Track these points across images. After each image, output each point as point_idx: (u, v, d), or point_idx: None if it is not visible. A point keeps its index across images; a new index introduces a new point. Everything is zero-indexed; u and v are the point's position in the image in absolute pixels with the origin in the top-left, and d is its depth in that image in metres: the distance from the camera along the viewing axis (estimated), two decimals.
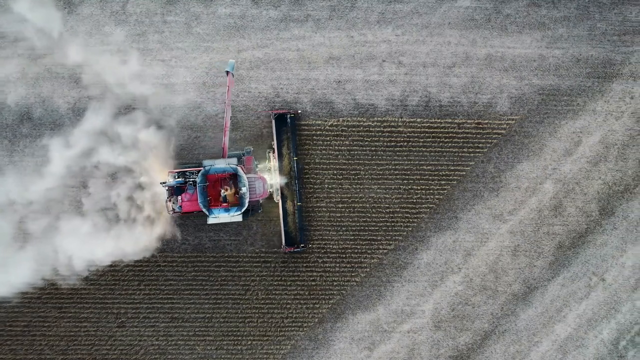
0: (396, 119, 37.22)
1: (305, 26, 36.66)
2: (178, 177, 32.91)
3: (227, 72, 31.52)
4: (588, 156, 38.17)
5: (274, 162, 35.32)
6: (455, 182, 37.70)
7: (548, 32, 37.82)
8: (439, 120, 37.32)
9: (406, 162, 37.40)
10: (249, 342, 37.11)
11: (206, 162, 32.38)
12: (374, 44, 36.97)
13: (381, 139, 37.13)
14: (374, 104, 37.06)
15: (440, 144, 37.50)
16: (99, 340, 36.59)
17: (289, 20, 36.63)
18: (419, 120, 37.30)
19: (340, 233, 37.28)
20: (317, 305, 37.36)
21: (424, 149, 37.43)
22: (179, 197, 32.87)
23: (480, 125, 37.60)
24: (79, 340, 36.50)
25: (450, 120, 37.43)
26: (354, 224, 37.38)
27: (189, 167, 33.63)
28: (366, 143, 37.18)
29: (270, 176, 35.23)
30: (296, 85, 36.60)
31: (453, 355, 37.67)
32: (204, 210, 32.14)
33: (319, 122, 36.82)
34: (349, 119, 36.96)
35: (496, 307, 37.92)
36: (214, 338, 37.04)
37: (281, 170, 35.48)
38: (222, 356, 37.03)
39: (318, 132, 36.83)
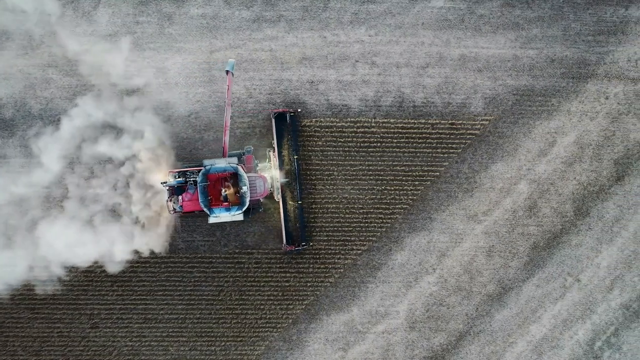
0: (369, 120, 37.18)
1: (278, 26, 36.62)
2: (178, 177, 32.91)
3: (227, 72, 31.52)
4: (563, 157, 38.11)
5: (274, 161, 35.24)
6: (429, 183, 37.65)
7: (522, 33, 37.77)
8: (413, 121, 37.28)
9: (380, 162, 37.35)
10: (223, 343, 37.06)
11: (207, 162, 32.40)
12: (347, 44, 36.92)
13: (354, 139, 37.09)
14: (347, 104, 37.01)
15: (414, 144, 37.45)
16: (72, 341, 36.54)
17: (262, 21, 36.58)
18: (392, 120, 37.25)
19: (314, 234, 37.21)
20: (291, 306, 37.30)
21: (397, 150, 37.38)
22: (180, 197, 32.82)
23: (454, 126, 37.54)
24: (52, 341, 36.46)
25: (424, 121, 37.37)
26: (327, 224, 37.31)
27: (190, 167, 33.59)
28: (339, 144, 37.13)
29: (270, 175, 35.17)
30: (269, 86, 36.55)
31: (428, 356, 37.63)
32: (205, 209, 32.07)
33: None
34: (322, 119, 36.91)
35: (471, 307, 37.86)
36: (187, 339, 36.99)
37: (281, 169, 35.31)
38: (196, 357, 36.99)
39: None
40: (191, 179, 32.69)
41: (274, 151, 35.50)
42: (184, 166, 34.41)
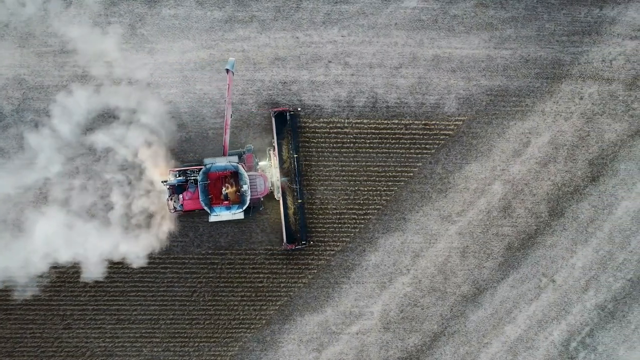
0: (342, 120, 37.14)
1: (250, 27, 36.56)
2: (179, 176, 33.03)
3: (227, 71, 31.49)
4: (537, 157, 38.07)
5: (274, 160, 35.21)
6: (402, 184, 37.61)
7: (496, 33, 37.72)
8: (386, 122, 37.24)
9: (353, 163, 37.31)
10: (196, 344, 37.02)
11: (207, 160, 32.65)
12: (320, 44, 36.87)
13: (327, 140, 37.03)
14: (320, 105, 36.97)
15: (388, 145, 37.40)
16: (45, 342, 36.47)
17: (234, 21, 36.52)
18: (365, 121, 37.20)
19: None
20: (265, 307, 37.27)
21: (370, 150, 37.34)
22: (180, 196, 32.95)
23: (428, 126, 37.50)
24: (25, 342, 36.39)
25: (397, 121, 37.33)
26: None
27: (190, 166, 33.70)
28: (312, 144, 37.05)
29: (270, 174, 35.18)
30: (241, 87, 36.50)
31: (402, 356, 37.58)
32: (205, 208, 32.30)
33: (265, 123, 36.69)
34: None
35: (445, 308, 37.82)
36: (160, 340, 36.94)
37: (282, 168, 35.31)
38: (169, 358, 36.94)
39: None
40: (192, 178, 32.84)
41: (274, 150, 35.42)
42: (185, 165, 34.50)
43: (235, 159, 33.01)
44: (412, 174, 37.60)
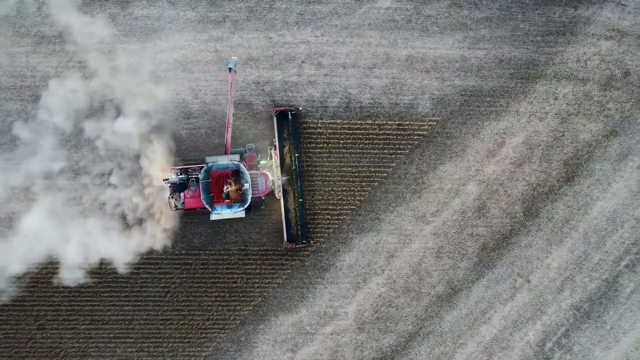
0: (316, 120, 37.11)
1: (223, 27, 36.56)
2: (180, 174, 33.07)
3: (230, 69, 31.54)
4: (512, 157, 38.05)
5: (275, 159, 35.27)
6: (376, 184, 37.59)
7: (470, 33, 37.69)
8: (360, 122, 37.22)
9: (327, 163, 37.29)
10: (170, 345, 37.00)
11: (209, 159, 32.68)
12: (293, 45, 36.85)
13: (301, 140, 36.99)
14: (294, 105, 36.94)
15: (361, 145, 37.38)
16: (18, 342, 36.46)
17: (207, 22, 36.52)
18: (339, 121, 37.20)
19: (260, 235, 37.13)
20: (239, 308, 37.25)
21: (344, 151, 37.33)
22: (182, 194, 33.00)
23: (402, 127, 37.48)
24: None
25: (371, 122, 37.32)
26: (274, 225, 37.22)
27: (192, 164, 33.76)
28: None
29: (271, 173, 35.26)
30: (214, 87, 36.49)
31: (377, 357, 37.55)
32: (206, 206, 32.30)
33: (238, 123, 36.69)
34: (269, 121, 36.80)
35: (420, 308, 37.79)
36: (134, 340, 36.93)
37: (282, 167, 35.40)
38: (143, 358, 36.92)
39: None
40: (193, 176, 32.86)
41: (275, 149, 35.48)
42: (186, 163, 34.54)
43: (236, 157, 32.93)
44: (386, 175, 37.58)
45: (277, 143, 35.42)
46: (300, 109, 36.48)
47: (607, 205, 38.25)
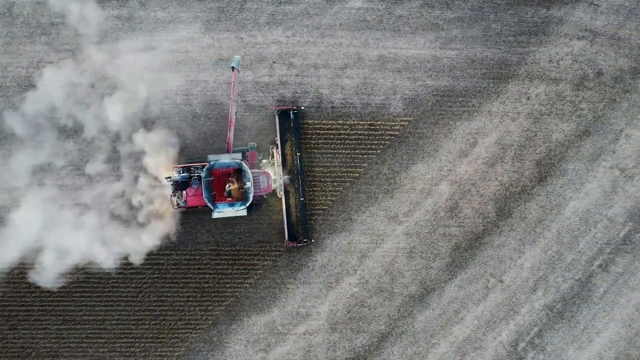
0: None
1: (194, 28, 36.59)
2: (183, 172, 33.15)
3: (233, 68, 31.62)
4: (484, 157, 38.07)
5: (277, 158, 35.35)
6: (348, 184, 37.60)
7: (442, 33, 37.71)
8: (331, 122, 37.24)
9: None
10: (143, 345, 37.01)
11: (211, 157, 32.70)
12: (264, 45, 36.88)
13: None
14: (265, 105, 36.95)
15: (333, 145, 37.40)
16: None
17: (177, 22, 36.55)
18: (310, 121, 37.20)
19: (232, 235, 37.16)
20: (211, 308, 37.26)
21: (316, 151, 37.34)
22: (184, 192, 33.08)
23: (374, 127, 37.51)
24: None
25: (342, 122, 37.35)
26: (245, 225, 37.25)
27: (194, 162, 33.86)
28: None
29: (273, 171, 35.35)
30: (185, 87, 36.52)
31: (350, 357, 37.55)
32: (209, 204, 32.35)
33: (209, 123, 36.71)
34: (240, 122, 36.81)
35: (393, 308, 37.80)
36: (107, 340, 36.94)
37: (284, 166, 35.53)
38: (116, 358, 36.93)
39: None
40: (195, 175, 32.97)
41: (276, 148, 35.55)
42: (189, 162, 34.65)
43: (239, 156, 33.00)
44: (358, 175, 37.61)
45: (278, 142, 35.45)
46: (302, 107, 36.48)
47: (580, 205, 38.27)
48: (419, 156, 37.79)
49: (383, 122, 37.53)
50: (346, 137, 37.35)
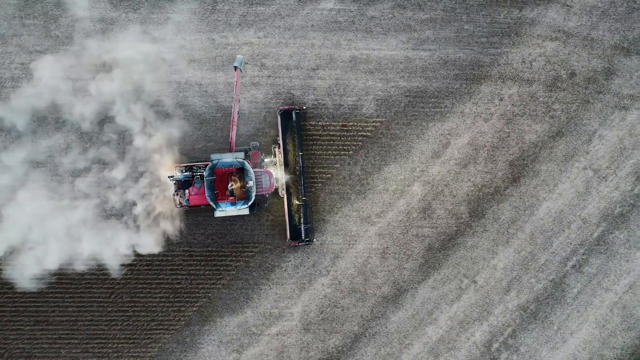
0: (260, 122, 37.10)
1: (166, 29, 36.60)
2: (185, 171, 33.35)
3: (235, 68, 31.75)
4: (457, 158, 38.09)
5: (279, 157, 35.49)
6: (320, 185, 37.63)
7: (414, 34, 37.73)
8: (303, 123, 37.23)
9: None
10: (116, 345, 37.05)
11: (214, 156, 32.94)
12: (236, 46, 36.91)
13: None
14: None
15: (305, 146, 37.34)
16: None
17: (149, 23, 36.56)
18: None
19: (204, 236, 37.18)
20: (184, 308, 37.30)
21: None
22: (187, 191, 33.34)
23: (346, 127, 37.53)
24: None
25: (314, 123, 37.35)
26: (218, 226, 37.27)
27: (197, 162, 34.10)
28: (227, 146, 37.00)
29: (275, 171, 35.47)
30: (157, 88, 36.50)
31: (323, 357, 37.59)
32: (211, 203, 32.56)
33: (182, 124, 36.72)
34: (212, 123, 36.84)
35: (366, 309, 37.82)
36: (79, 341, 36.98)
37: (286, 166, 35.70)
38: (89, 359, 36.95)
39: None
40: (198, 174, 33.18)
41: (279, 147, 35.66)
42: (192, 160, 34.88)
43: (241, 155, 33.16)
44: (330, 176, 37.63)
45: (281, 141, 35.57)
46: (305, 107, 36.53)
47: (553, 206, 38.30)
48: (392, 157, 37.81)
49: (355, 123, 37.56)
50: (318, 138, 37.37)
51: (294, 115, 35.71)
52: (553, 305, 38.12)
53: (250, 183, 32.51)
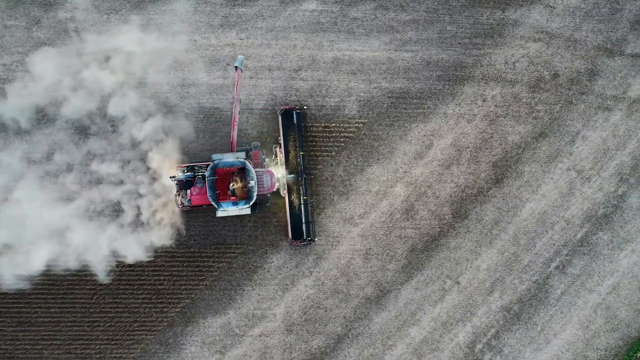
0: (242, 123, 37.13)
1: (147, 30, 36.62)
2: (187, 171, 33.51)
3: (236, 68, 31.81)
4: (440, 159, 38.10)
5: (280, 157, 35.54)
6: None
7: (397, 35, 37.75)
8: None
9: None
10: (98, 346, 37.09)
11: (215, 156, 33.03)
12: (218, 47, 36.94)
13: (227, 142, 37.05)
14: (219, 107, 37.02)
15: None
16: None
17: (131, 24, 36.57)
18: (264, 123, 37.21)
19: (187, 237, 37.21)
20: (166, 309, 37.32)
21: (270, 153, 37.32)
22: (188, 191, 33.53)
23: (329, 129, 37.56)
24: None
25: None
26: (201, 227, 37.31)
27: (198, 162, 34.27)
28: (212, 146, 37.06)
29: (276, 170, 35.54)
30: (139, 89, 36.53)
31: (306, 358, 37.60)
32: (213, 203, 32.73)
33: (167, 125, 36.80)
34: (196, 123, 36.87)
35: (349, 310, 37.84)
36: (62, 342, 37.01)
37: (287, 165, 35.77)
38: None
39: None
40: (199, 174, 33.36)
41: (280, 147, 35.68)
42: (193, 161, 34.95)
43: (242, 154, 33.31)
44: (313, 177, 37.64)
45: (282, 141, 35.59)
46: (305, 107, 36.54)
47: (536, 207, 38.30)
48: (374, 158, 37.82)
49: (338, 124, 37.58)
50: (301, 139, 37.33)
51: (294, 115, 35.73)
52: (536, 307, 38.14)
53: (252, 183, 32.64)
